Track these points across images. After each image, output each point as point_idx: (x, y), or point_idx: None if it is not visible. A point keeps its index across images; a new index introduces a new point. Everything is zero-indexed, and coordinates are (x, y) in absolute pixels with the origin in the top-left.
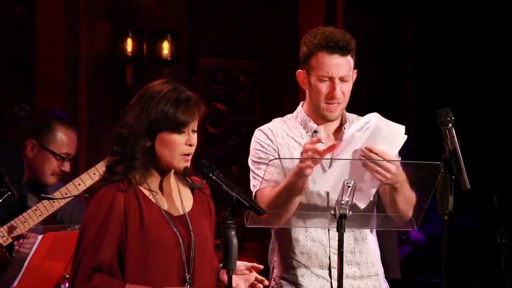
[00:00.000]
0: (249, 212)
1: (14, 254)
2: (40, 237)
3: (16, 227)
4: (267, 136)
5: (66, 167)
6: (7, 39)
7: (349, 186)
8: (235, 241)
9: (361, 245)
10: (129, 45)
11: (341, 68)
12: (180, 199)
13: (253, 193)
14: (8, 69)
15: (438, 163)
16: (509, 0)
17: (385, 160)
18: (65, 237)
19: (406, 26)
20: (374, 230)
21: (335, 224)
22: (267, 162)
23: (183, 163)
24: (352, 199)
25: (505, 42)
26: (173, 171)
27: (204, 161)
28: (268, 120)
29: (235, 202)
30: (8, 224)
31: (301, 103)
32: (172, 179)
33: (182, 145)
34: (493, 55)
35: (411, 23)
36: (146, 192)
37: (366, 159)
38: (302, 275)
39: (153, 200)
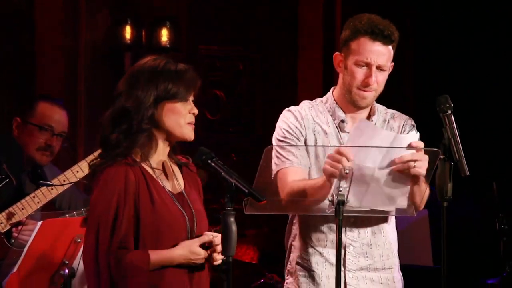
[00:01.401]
0: (248, 198)
1: (13, 241)
2: (39, 223)
3: (15, 214)
4: (296, 119)
5: (52, 141)
6: (7, 28)
7: (346, 173)
8: (234, 227)
9: (378, 238)
10: (128, 32)
11: (381, 56)
12: (175, 177)
13: (274, 172)
14: (8, 60)
15: (436, 149)
16: (509, 0)
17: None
18: (64, 223)
19: (406, 26)
20: (393, 223)
21: (333, 210)
22: (291, 142)
23: (190, 132)
24: (350, 185)
25: (505, 42)
26: (169, 149)
27: (203, 148)
28: (267, 108)
29: (234, 188)
30: (7, 211)
31: (332, 88)
32: (167, 157)
33: (187, 114)
34: (493, 55)
35: (411, 23)
36: (149, 170)
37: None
38: (317, 261)
39: (156, 178)
